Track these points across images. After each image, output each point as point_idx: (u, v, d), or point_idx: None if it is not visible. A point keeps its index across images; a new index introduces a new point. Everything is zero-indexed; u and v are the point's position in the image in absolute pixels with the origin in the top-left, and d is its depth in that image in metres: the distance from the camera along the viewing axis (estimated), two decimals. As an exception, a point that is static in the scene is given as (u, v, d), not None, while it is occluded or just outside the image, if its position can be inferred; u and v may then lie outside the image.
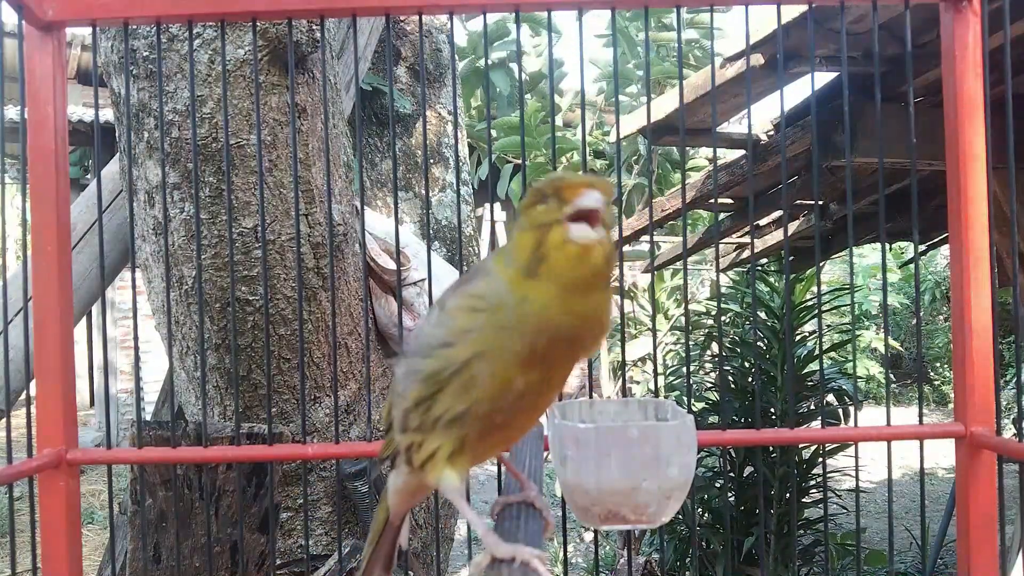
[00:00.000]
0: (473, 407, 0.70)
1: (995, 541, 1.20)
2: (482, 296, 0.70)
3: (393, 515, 0.87)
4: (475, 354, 0.69)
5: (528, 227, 0.68)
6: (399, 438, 0.77)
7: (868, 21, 1.70)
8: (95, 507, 6.30)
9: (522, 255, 0.68)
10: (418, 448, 0.74)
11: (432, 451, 0.73)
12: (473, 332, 0.69)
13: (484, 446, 0.75)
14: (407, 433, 0.75)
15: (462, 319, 0.70)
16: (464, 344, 0.69)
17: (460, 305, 0.71)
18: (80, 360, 5.52)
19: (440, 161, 3.30)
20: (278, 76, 1.97)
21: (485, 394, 0.70)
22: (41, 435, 1.23)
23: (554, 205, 0.67)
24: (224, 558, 1.63)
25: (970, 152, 1.22)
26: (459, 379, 0.70)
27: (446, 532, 2.81)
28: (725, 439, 1.32)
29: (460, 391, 0.70)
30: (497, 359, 0.68)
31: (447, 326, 0.71)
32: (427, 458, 0.74)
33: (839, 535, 4.49)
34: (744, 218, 4.92)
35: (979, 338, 1.21)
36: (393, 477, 0.84)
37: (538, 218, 0.68)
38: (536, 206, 0.69)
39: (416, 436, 0.74)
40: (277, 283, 2.08)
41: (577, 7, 1.34)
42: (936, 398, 11.46)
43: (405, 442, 0.76)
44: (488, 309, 0.69)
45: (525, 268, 0.67)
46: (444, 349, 0.70)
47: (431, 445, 0.73)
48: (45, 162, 1.23)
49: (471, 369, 0.69)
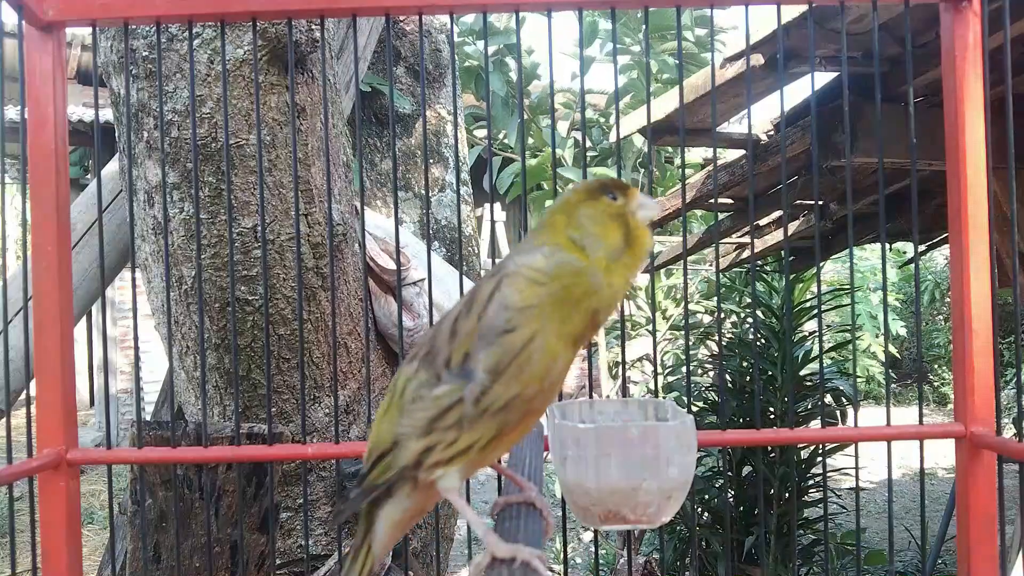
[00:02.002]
0: (523, 391, 0.71)
1: (995, 541, 1.20)
2: (543, 271, 0.74)
3: (380, 554, 0.82)
4: (535, 333, 0.71)
5: (609, 218, 0.77)
6: (413, 445, 0.74)
7: (868, 21, 1.70)
8: (95, 507, 6.30)
9: (612, 241, 0.76)
10: (447, 446, 0.72)
11: (468, 445, 0.72)
12: (535, 308, 0.72)
13: (512, 437, 0.75)
14: (431, 435, 0.73)
15: (527, 293, 0.72)
16: (527, 325, 0.71)
17: (519, 280, 0.73)
18: (80, 360, 5.53)
19: (440, 161, 3.30)
20: (278, 76, 1.97)
21: (536, 375, 0.72)
22: (41, 435, 1.23)
23: (623, 201, 0.79)
24: (224, 558, 1.63)
25: (970, 152, 1.22)
26: (516, 363, 0.71)
27: (446, 532, 2.81)
28: (725, 439, 1.32)
29: (515, 375, 0.71)
30: (552, 337, 0.72)
31: (509, 306, 0.72)
32: (454, 455, 0.72)
33: (839, 535, 4.48)
34: (744, 218, 4.93)
35: (979, 338, 1.21)
36: (389, 509, 0.79)
37: (617, 209, 0.78)
38: (601, 199, 0.78)
39: (450, 433, 0.73)
40: (277, 283, 2.08)
41: (577, 7, 1.34)
42: (936, 398, 11.46)
43: (421, 446, 0.73)
44: (551, 282, 0.73)
45: (615, 253, 0.76)
46: (505, 336, 0.71)
47: (468, 439, 0.72)
48: (45, 162, 1.23)
49: (529, 349, 0.71)
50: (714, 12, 1.35)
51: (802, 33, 2.52)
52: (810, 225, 5.03)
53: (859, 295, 9.85)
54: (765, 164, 3.65)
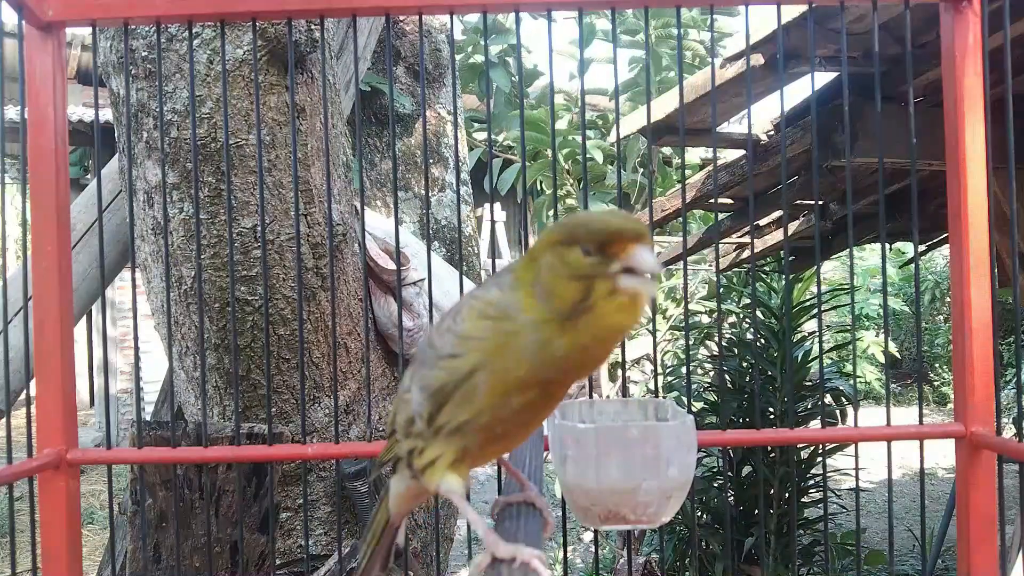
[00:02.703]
0: (474, 418, 0.71)
1: (995, 541, 1.20)
2: (495, 307, 0.69)
3: (394, 516, 0.87)
4: (478, 364, 0.69)
5: (569, 276, 0.65)
6: (402, 443, 0.78)
7: (868, 21, 1.70)
8: (95, 507, 6.30)
9: (562, 302, 0.65)
10: (419, 454, 0.75)
11: (433, 458, 0.74)
12: (478, 339, 0.69)
13: (484, 454, 0.76)
14: (409, 439, 0.76)
15: (471, 324, 0.70)
16: (469, 354, 0.70)
17: (471, 308, 0.71)
18: (80, 360, 5.52)
19: (439, 161, 3.30)
20: (277, 76, 1.97)
21: (486, 405, 0.70)
22: (41, 435, 1.23)
23: (598, 260, 0.64)
24: (224, 558, 1.63)
25: (970, 152, 1.22)
26: (462, 390, 0.71)
27: (446, 532, 2.81)
28: (725, 439, 1.32)
29: (463, 401, 0.71)
30: (498, 374, 0.68)
31: (456, 333, 0.71)
32: (427, 464, 0.74)
33: (839, 535, 4.49)
34: (744, 218, 4.93)
35: (979, 338, 1.21)
36: (395, 481, 0.84)
37: (582, 269, 0.64)
38: (573, 250, 0.65)
39: (418, 442, 0.75)
40: (276, 283, 2.08)
41: (577, 7, 1.34)
42: (936, 398, 11.46)
43: (407, 447, 0.77)
44: (496, 319, 0.69)
45: (561, 313, 0.65)
46: (451, 360, 0.71)
47: (432, 453, 0.74)
48: (45, 162, 1.23)
49: (474, 380, 0.70)
50: (718, 15, 1.35)
51: (802, 33, 2.52)
52: (810, 225, 5.03)
53: (859, 296, 9.85)
54: (765, 164, 3.65)
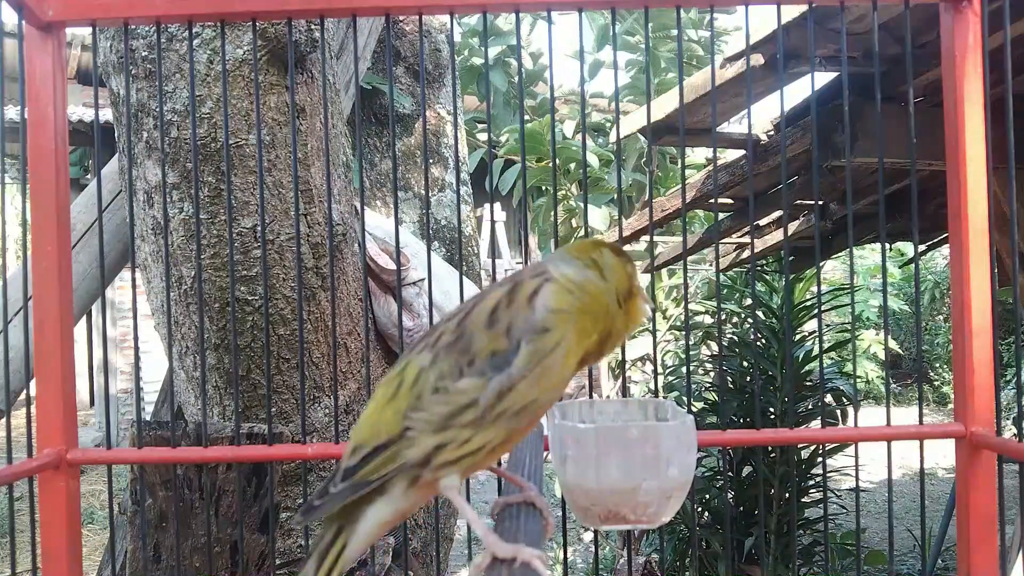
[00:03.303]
0: (540, 396, 0.73)
1: (995, 541, 1.20)
2: (574, 281, 0.77)
3: (352, 558, 0.76)
4: (564, 334, 0.74)
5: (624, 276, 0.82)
6: (426, 440, 0.72)
7: (868, 21, 1.70)
8: (95, 507, 6.30)
9: (620, 286, 0.81)
10: (459, 445, 0.71)
11: (481, 445, 0.72)
12: (565, 313, 0.74)
13: (514, 442, 0.76)
14: (446, 432, 0.71)
15: (560, 299, 0.75)
16: (559, 326, 0.74)
17: (560, 285, 0.76)
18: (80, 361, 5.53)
19: (439, 161, 3.30)
20: (277, 76, 1.97)
21: (554, 380, 0.73)
22: (41, 435, 1.23)
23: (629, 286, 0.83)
24: (224, 558, 1.63)
25: (970, 152, 1.22)
26: (542, 365, 0.72)
27: (446, 532, 2.81)
28: (725, 439, 1.32)
29: (537, 379, 0.72)
30: (573, 343, 0.74)
31: (548, 308, 0.74)
32: (463, 455, 0.71)
33: (839, 535, 4.49)
34: (744, 218, 4.93)
35: (979, 338, 1.21)
36: (381, 506, 0.75)
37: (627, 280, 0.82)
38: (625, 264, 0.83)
39: (465, 432, 0.71)
40: (276, 283, 2.08)
41: (577, 7, 1.34)
42: (936, 398, 11.46)
43: (434, 442, 0.72)
44: (579, 293, 0.76)
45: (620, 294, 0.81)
46: (543, 335, 0.73)
47: (482, 439, 0.72)
48: (45, 162, 1.23)
49: (555, 353, 0.73)
50: (717, 14, 1.35)
51: (802, 33, 2.52)
52: (810, 225, 5.03)
53: (858, 296, 9.85)
54: (765, 164, 3.65)
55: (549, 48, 1.39)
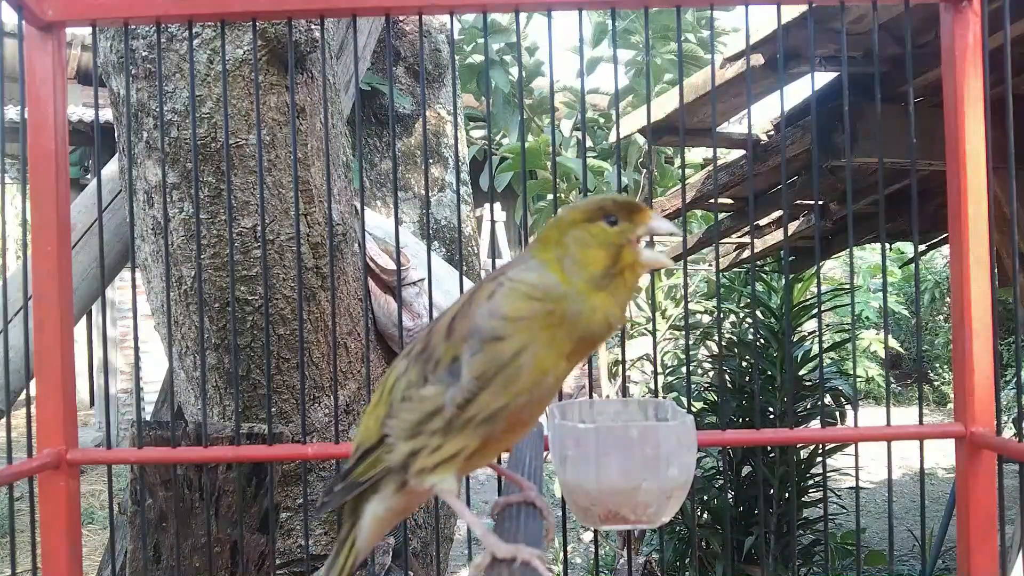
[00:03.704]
0: (510, 402, 0.71)
1: (995, 541, 1.20)
2: (536, 286, 0.73)
3: (366, 548, 0.81)
4: (525, 343, 0.71)
5: (598, 246, 0.74)
6: (401, 446, 0.74)
7: (868, 21, 1.70)
8: (95, 507, 6.30)
9: (593, 268, 0.73)
10: (431, 452, 0.72)
11: (453, 453, 0.72)
12: (525, 321, 0.71)
13: (501, 445, 0.75)
14: (418, 438, 0.73)
15: (517, 305, 0.72)
16: (516, 335, 0.71)
17: (512, 291, 0.73)
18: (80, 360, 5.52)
19: (439, 161, 3.30)
20: (277, 76, 1.97)
21: (525, 387, 0.71)
22: (41, 435, 1.23)
23: (626, 227, 0.74)
24: (224, 558, 1.63)
25: (970, 152, 1.22)
26: (504, 373, 0.70)
27: (446, 532, 2.81)
28: (725, 439, 1.32)
29: (504, 385, 0.71)
30: (542, 351, 0.71)
31: (501, 315, 0.71)
32: (439, 463, 0.72)
33: (839, 535, 4.49)
34: (744, 218, 4.93)
35: (979, 338, 1.21)
36: (375, 504, 0.78)
37: (610, 237, 0.74)
38: (597, 224, 0.74)
39: (432, 440, 0.72)
40: (276, 283, 2.08)
41: (577, 7, 1.34)
42: (936, 398, 11.46)
43: (408, 448, 0.74)
44: (542, 300, 0.72)
45: (594, 280, 0.73)
46: (495, 344, 0.71)
47: (453, 447, 0.72)
48: (45, 162, 1.23)
49: (518, 361, 0.70)
50: (716, 13, 1.35)
51: (802, 33, 2.52)
52: (810, 225, 5.03)
53: (859, 295, 9.85)
54: (765, 164, 3.65)
55: (549, 48, 1.39)
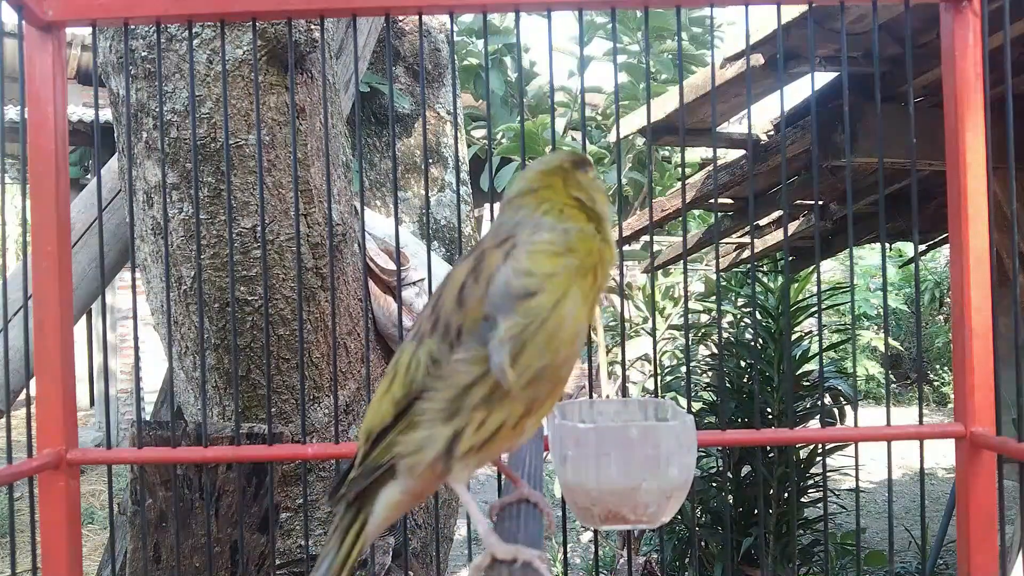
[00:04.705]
0: (555, 357, 0.70)
1: (995, 541, 1.20)
2: (555, 243, 0.74)
3: (372, 536, 0.79)
4: (562, 296, 0.71)
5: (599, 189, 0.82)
6: (433, 432, 0.71)
7: (868, 21, 1.70)
8: (95, 507, 6.30)
9: (604, 208, 0.80)
10: (478, 428, 0.70)
11: (500, 423, 0.70)
12: (559, 275, 0.72)
13: (540, 412, 0.74)
14: (458, 417, 0.70)
15: (544, 263, 0.72)
16: (551, 289, 0.71)
17: (535, 251, 0.73)
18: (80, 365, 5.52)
19: (439, 161, 3.30)
20: (277, 76, 1.97)
21: (569, 338, 0.71)
22: (41, 435, 1.23)
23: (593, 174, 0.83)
24: (224, 558, 1.63)
25: (970, 152, 1.22)
26: (545, 329, 0.70)
27: (446, 532, 2.81)
28: (725, 439, 1.32)
29: (547, 341, 0.70)
30: (579, 299, 0.72)
31: (532, 273, 0.71)
32: (487, 438, 0.70)
33: (839, 535, 4.49)
34: (744, 218, 4.93)
35: (979, 338, 1.21)
36: (392, 488, 0.76)
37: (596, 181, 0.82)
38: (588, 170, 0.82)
39: (479, 413, 0.70)
40: (276, 283, 2.08)
41: (577, 7, 1.34)
42: (936, 398, 11.47)
43: (449, 432, 0.71)
44: (563, 253, 0.73)
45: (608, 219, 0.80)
46: (529, 300, 0.70)
47: (499, 417, 0.70)
48: (45, 162, 1.23)
49: (560, 312, 0.70)
50: (713, 10, 1.35)
51: (802, 33, 2.52)
52: (810, 225, 5.03)
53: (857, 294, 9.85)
54: (765, 164, 3.65)
55: (549, 48, 1.39)
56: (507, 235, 0.75)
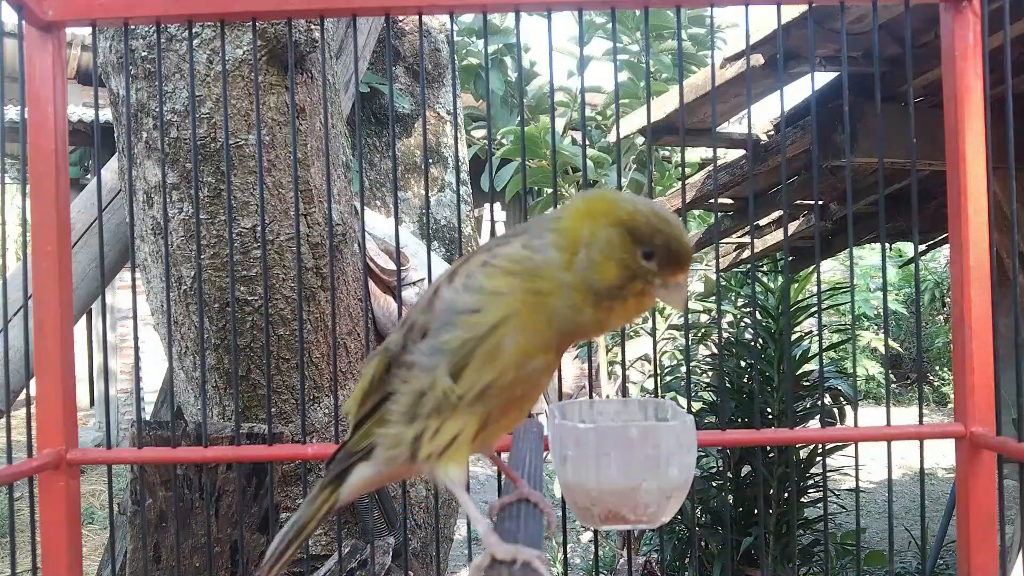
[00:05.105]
0: (499, 377, 0.69)
1: (995, 541, 1.20)
2: (518, 262, 0.70)
3: (343, 501, 0.81)
4: (502, 319, 0.69)
5: (620, 263, 0.69)
6: (401, 431, 0.73)
7: (868, 21, 1.70)
8: (95, 507, 6.30)
9: (603, 282, 0.68)
10: (433, 435, 0.71)
11: (454, 435, 0.71)
12: (504, 295, 0.69)
13: (503, 423, 0.74)
14: (417, 421, 0.72)
15: (494, 280, 0.70)
16: (492, 309, 0.69)
17: (493, 265, 0.71)
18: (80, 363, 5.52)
19: (439, 161, 3.30)
20: (277, 76, 1.97)
21: (510, 362, 0.69)
22: (41, 435, 1.23)
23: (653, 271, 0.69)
24: (224, 558, 1.63)
25: (970, 152, 1.22)
26: (484, 347, 0.69)
27: (446, 532, 2.81)
28: (725, 439, 1.32)
29: (487, 360, 0.69)
30: (523, 329, 0.69)
31: (476, 289, 0.70)
32: (445, 446, 0.71)
33: (839, 535, 4.48)
34: (744, 218, 4.93)
35: (979, 338, 1.21)
36: (366, 467, 0.78)
37: (635, 267, 0.69)
38: (636, 246, 0.68)
39: (433, 421, 0.71)
40: (276, 283, 2.08)
41: (577, 7, 1.34)
42: (936, 398, 11.46)
43: (412, 433, 0.72)
44: (522, 277, 0.70)
45: (597, 290, 0.69)
46: (471, 316, 0.69)
47: (453, 428, 0.71)
48: (45, 162, 1.23)
49: (498, 335, 0.69)
50: (713, 11, 1.35)
51: (802, 33, 2.52)
52: (810, 225, 5.03)
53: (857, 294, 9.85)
54: (765, 164, 3.65)
55: (549, 47, 1.39)
56: (491, 245, 0.74)
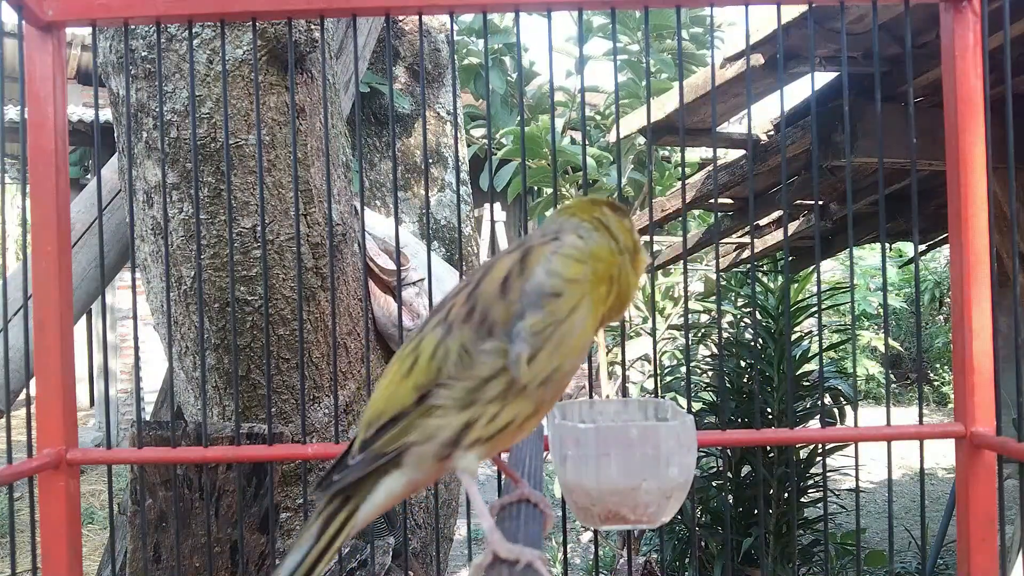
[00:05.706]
0: (563, 363, 0.73)
1: (995, 541, 1.20)
2: (583, 250, 0.77)
3: (361, 525, 0.77)
4: (578, 303, 0.74)
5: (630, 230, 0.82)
6: (448, 420, 0.71)
7: (868, 21, 1.70)
8: (95, 507, 6.30)
9: (627, 242, 0.81)
10: (490, 420, 0.71)
11: (510, 420, 0.72)
12: (580, 281, 0.74)
13: (540, 415, 0.75)
14: (473, 407, 0.71)
15: (571, 268, 0.75)
16: (570, 293, 0.73)
17: (567, 255, 0.76)
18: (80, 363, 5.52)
19: (439, 161, 3.30)
20: (277, 76, 1.97)
21: (576, 347, 0.74)
22: (41, 435, 1.23)
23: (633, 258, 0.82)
24: (224, 558, 1.63)
25: (970, 152, 1.22)
26: (559, 331, 0.72)
27: (446, 532, 2.81)
28: (725, 439, 1.32)
29: (558, 344, 0.72)
30: (591, 309, 0.75)
31: (560, 275, 0.74)
32: (497, 430, 0.71)
33: (839, 535, 4.49)
34: (744, 218, 4.93)
35: (979, 338, 1.21)
36: (396, 477, 0.74)
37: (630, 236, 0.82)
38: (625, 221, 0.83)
39: (492, 407, 0.71)
40: (276, 283, 2.08)
41: (577, 7, 1.34)
42: (936, 398, 11.47)
43: (463, 419, 0.71)
44: (587, 261, 0.76)
45: (628, 248, 0.81)
46: (554, 300, 0.73)
47: (511, 413, 0.72)
48: (45, 162, 1.23)
49: (573, 318, 0.73)
50: (713, 10, 1.35)
51: (802, 33, 2.52)
52: (810, 225, 5.04)
53: (857, 294, 9.85)
54: (765, 164, 3.65)
55: (549, 47, 1.39)
56: (553, 235, 0.79)
